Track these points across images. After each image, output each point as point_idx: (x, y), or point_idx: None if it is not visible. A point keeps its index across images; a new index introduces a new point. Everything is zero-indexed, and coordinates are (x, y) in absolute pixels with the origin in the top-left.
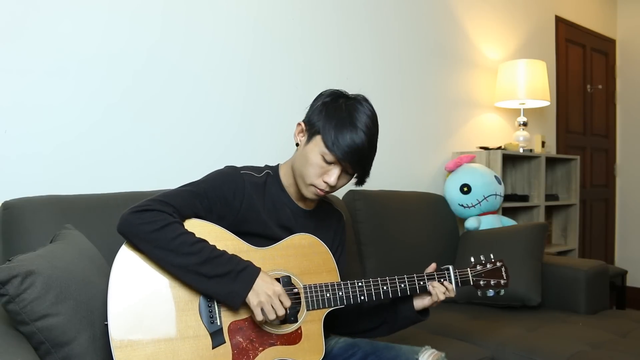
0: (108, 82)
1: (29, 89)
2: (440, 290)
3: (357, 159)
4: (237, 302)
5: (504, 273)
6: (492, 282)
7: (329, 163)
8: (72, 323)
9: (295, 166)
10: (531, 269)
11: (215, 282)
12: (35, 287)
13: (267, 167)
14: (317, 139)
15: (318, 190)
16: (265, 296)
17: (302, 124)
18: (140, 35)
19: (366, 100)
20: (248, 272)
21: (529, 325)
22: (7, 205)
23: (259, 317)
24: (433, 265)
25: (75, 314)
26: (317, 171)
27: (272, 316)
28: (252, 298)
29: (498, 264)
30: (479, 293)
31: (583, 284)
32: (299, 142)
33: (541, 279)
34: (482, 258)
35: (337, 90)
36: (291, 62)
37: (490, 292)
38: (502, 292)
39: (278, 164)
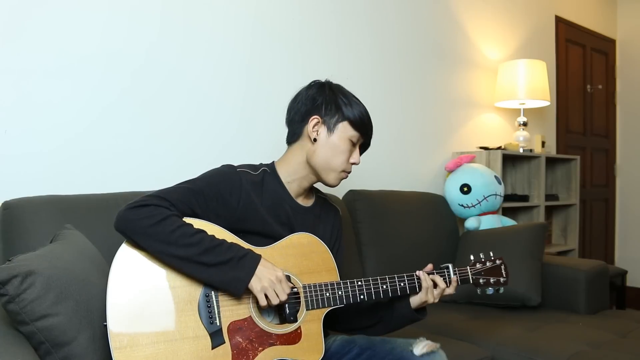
0: (107, 81)
1: (28, 88)
2: (441, 285)
3: (371, 127)
4: (240, 288)
5: (503, 271)
6: (491, 280)
7: (354, 144)
8: (72, 323)
9: (316, 160)
10: (531, 268)
11: (217, 270)
12: (35, 287)
13: (262, 164)
14: (344, 126)
15: (346, 174)
16: (268, 281)
17: (319, 118)
18: (138, 35)
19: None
20: (249, 259)
21: (529, 325)
22: (7, 205)
23: (263, 302)
24: (430, 266)
25: (75, 314)
26: (347, 156)
27: (275, 301)
28: (255, 284)
29: (497, 262)
30: (478, 291)
31: (583, 284)
32: (317, 137)
33: (541, 279)
34: (481, 256)
35: (319, 80)
36: (290, 61)
37: (490, 290)
38: (502, 290)
39: (273, 162)
